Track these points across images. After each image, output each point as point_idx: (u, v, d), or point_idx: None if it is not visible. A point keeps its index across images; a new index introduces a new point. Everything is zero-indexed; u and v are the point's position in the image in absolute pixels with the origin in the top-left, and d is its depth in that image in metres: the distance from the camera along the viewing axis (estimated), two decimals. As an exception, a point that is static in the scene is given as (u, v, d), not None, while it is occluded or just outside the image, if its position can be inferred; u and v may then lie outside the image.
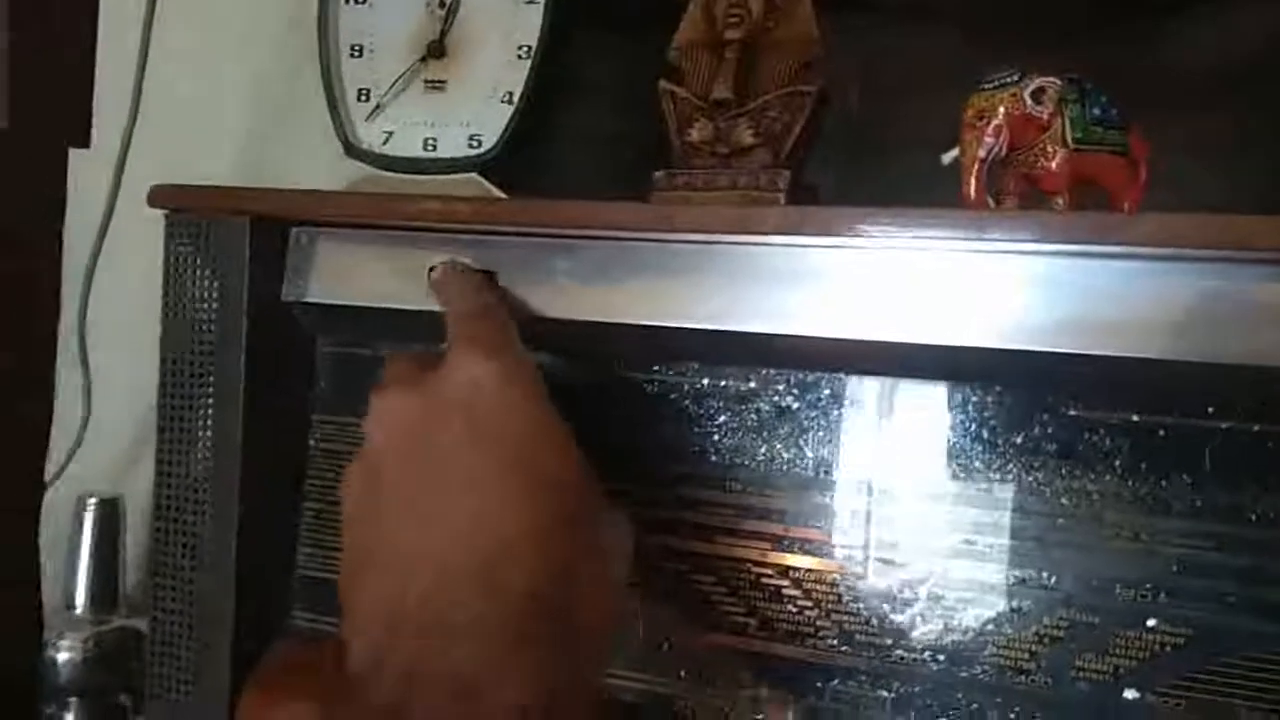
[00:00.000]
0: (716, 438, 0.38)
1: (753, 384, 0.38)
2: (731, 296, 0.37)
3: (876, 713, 0.36)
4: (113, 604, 0.65)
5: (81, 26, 0.51)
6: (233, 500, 0.42)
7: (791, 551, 0.37)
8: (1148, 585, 0.33)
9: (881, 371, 0.37)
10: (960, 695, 0.35)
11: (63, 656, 0.63)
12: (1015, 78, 0.35)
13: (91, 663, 0.62)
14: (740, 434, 0.38)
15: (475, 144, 0.44)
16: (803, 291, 0.36)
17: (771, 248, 0.36)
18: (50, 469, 0.67)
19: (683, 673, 0.38)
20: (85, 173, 0.64)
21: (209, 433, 0.43)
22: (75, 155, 0.59)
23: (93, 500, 0.65)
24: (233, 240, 0.42)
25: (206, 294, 0.42)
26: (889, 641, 0.36)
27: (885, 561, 0.36)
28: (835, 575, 0.37)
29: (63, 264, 0.61)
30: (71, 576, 0.65)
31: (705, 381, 0.39)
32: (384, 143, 0.46)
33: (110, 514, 0.65)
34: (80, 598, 0.64)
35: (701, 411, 0.39)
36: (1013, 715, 0.34)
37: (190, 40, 0.60)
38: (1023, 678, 0.34)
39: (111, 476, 0.68)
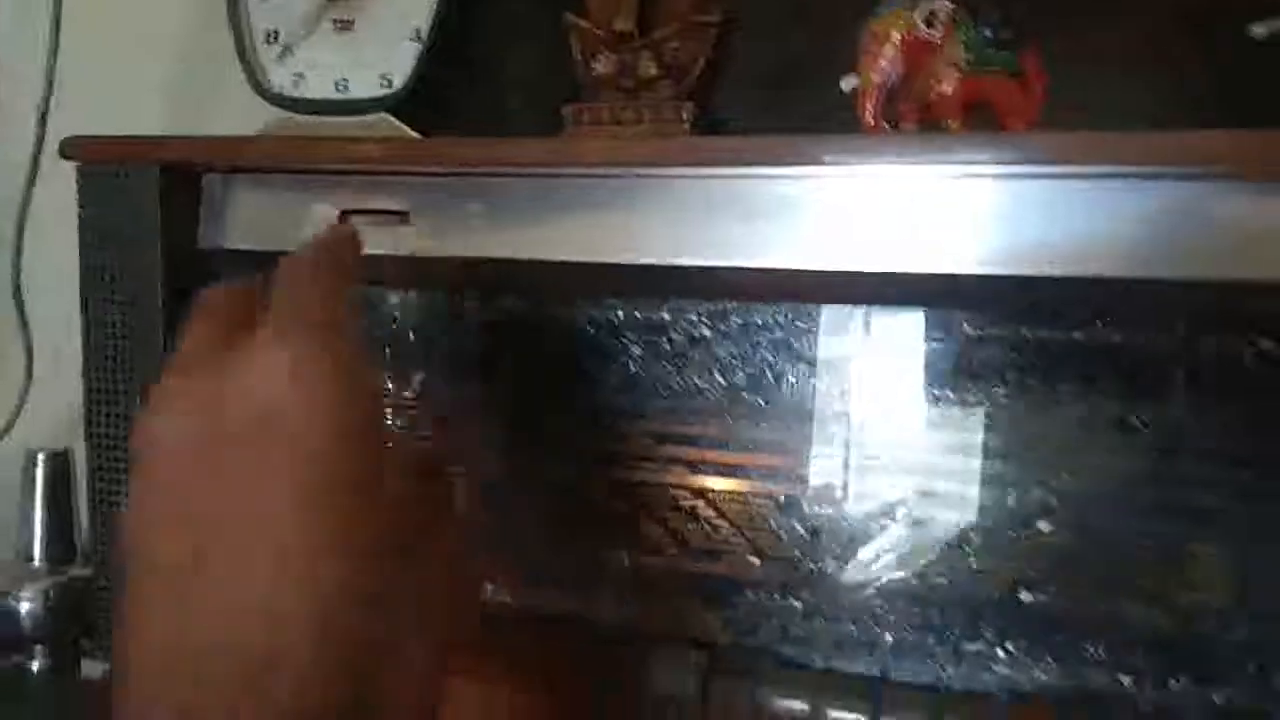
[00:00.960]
0: (633, 369, 0.39)
1: (666, 315, 0.39)
2: (640, 229, 0.37)
3: (788, 620, 0.37)
4: (70, 554, 0.66)
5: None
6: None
7: (705, 474, 0.38)
8: (1036, 493, 0.34)
9: (793, 298, 0.38)
10: (865, 600, 0.37)
11: (24, 607, 0.64)
12: (908, 2, 0.35)
13: (52, 611, 0.64)
14: (656, 364, 0.39)
15: (386, 84, 0.44)
16: (711, 223, 0.36)
17: (680, 179, 0.36)
18: (-3, 429, 0.67)
19: (608, 591, 0.39)
20: (6, 133, 0.63)
21: (131, 382, 0.43)
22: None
23: (41, 455, 0.65)
24: (145, 190, 0.41)
25: (121, 245, 0.42)
26: (798, 554, 0.37)
27: (797, 479, 0.37)
28: (748, 496, 0.38)
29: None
30: (27, 529, 0.66)
31: (620, 315, 0.39)
32: (295, 85, 0.45)
33: (61, 467, 0.66)
34: (37, 549, 0.65)
35: (618, 344, 0.39)
36: (914, 613, 0.36)
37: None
38: (919, 581, 0.36)
39: (60, 432, 0.69)
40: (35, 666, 0.63)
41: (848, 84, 0.37)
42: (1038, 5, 0.38)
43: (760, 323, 0.38)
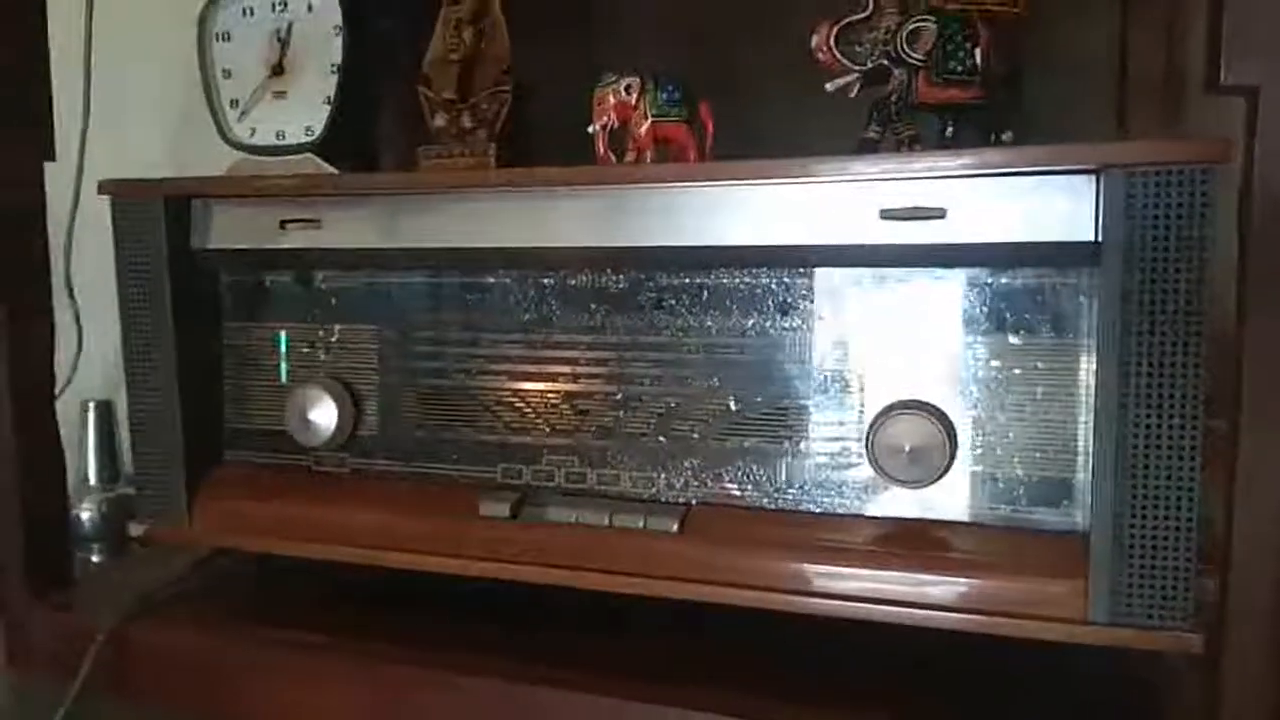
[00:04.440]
0: (475, 314, 0.61)
1: (491, 280, 0.61)
2: (472, 228, 0.59)
3: (568, 467, 0.59)
4: (115, 477, 0.89)
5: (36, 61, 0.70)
6: (172, 382, 0.64)
7: (516, 380, 0.60)
8: (710, 384, 0.56)
9: (549, 266, 0.59)
10: (611, 453, 0.58)
11: (85, 514, 0.88)
12: (614, 78, 0.56)
13: (106, 517, 0.87)
14: (491, 311, 0.61)
15: (309, 133, 0.66)
16: (509, 223, 0.58)
17: (487, 194, 0.58)
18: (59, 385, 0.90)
19: (454, 457, 0.61)
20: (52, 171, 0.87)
21: (156, 343, 0.65)
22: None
23: (92, 403, 0.89)
24: (154, 212, 0.64)
25: (142, 249, 0.64)
26: (577, 425, 0.59)
27: (569, 377, 0.59)
28: (547, 395, 0.60)
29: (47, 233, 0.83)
30: (84, 460, 0.89)
31: (464, 280, 0.61)
32: (250, 135, 0.67)
33: (106, 412, 0.89)
34: (92, 474, 0.89)
35: (459, 300, 0.61)
36: (631, 456, 0.58)
37: (122, 72, 0.81)
38: (647, 438, 0.57)
39: (106, 386, 0.91)
40: (94, 558, 0.86)
41: (591, 129, 0.58)
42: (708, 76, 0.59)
43: (546, 283, 0.59)
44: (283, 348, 0.65)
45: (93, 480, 0.89)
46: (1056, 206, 0.47)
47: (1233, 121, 0.42)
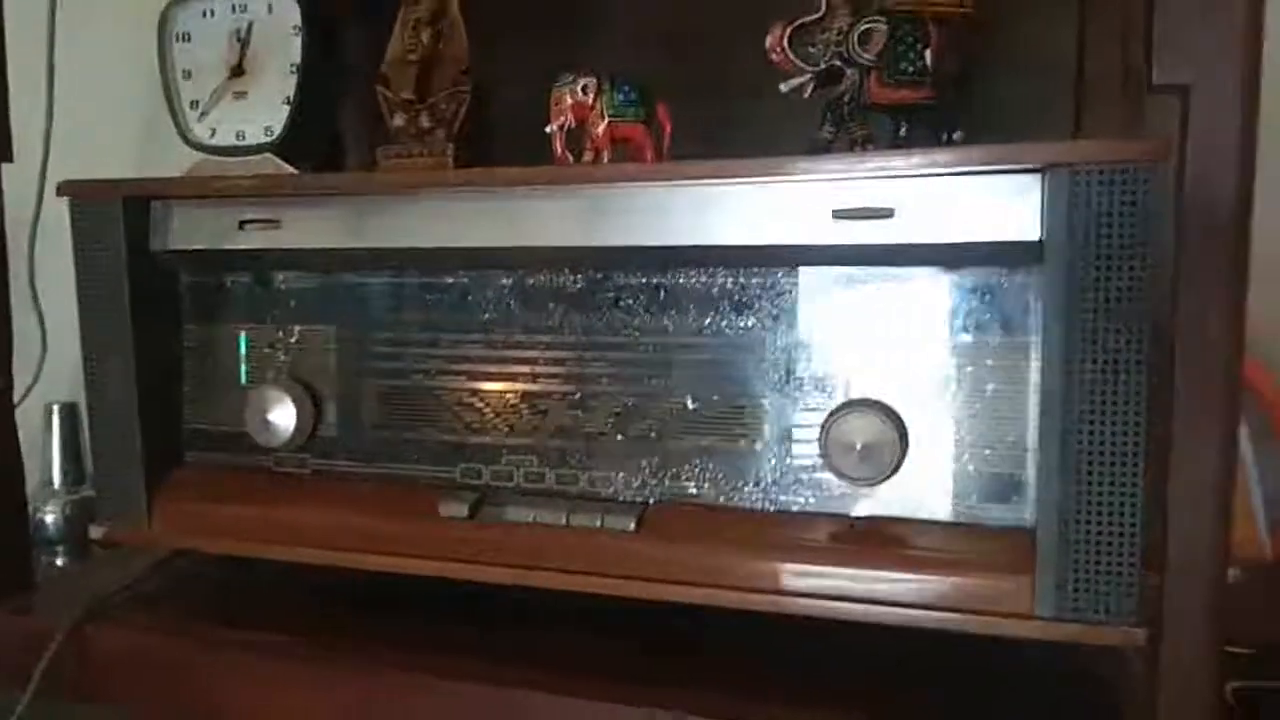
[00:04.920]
0: (434, 314, 0.61)
1: (450, 280, 0.61)
2: (431, 228, 0.59)
3: (530, 470, 0.59)
4: (80, 479, 0.89)
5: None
6: (131, 384, 0.64)
7: (477, 380, 0.60)
8: (667, 383, 0.56)
9: (507, 266, 0.59)
10: (568, 453, 0.58)
11: (49, 518, 0.87)
12: (571, 78, 0.57)
13: (70, 520, 0.87)
14: (450, 311, 0.61)
15: (269, 134, 0.66)
16: (470, 221, 0.58)
17: (445, 194, 0.58)
18: (19, 390, 0.90)
19: (414, 457, 0.61)
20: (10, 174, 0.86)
21: (115, 344, 0.65)
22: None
23: (56, 406, 0.88)
24: (113, 213, 0.63)
25: (102, 250, 0.64)
26: (535, 425, 0.59)
27: (528, 377, 0.59)
28: (505, 394, 0.60)
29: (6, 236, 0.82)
30: (49, 462, 0.88)
31: (423, 280, 0.61)
32: (210, 136, 0.67)
33: (71, 415, 0.89)
34: (56, 477, 0.88)
35: (418, 300, 0.61)
36: (589, 456, 0.58)
37: (86, 72, 0.81)
38: (605, 438, 0.57)
39: (70, 389, 0.91)
40: (58, 561, 0.86)
41: (549, 129, 0.58)
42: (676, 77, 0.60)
43: (505, 283, 0.59)
44: (242, 349, 0.65)
45: (57, 483, 0.88)
46: (1003, 206, 0.47)
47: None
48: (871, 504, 0.53)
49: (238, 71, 0.65)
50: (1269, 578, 0.68)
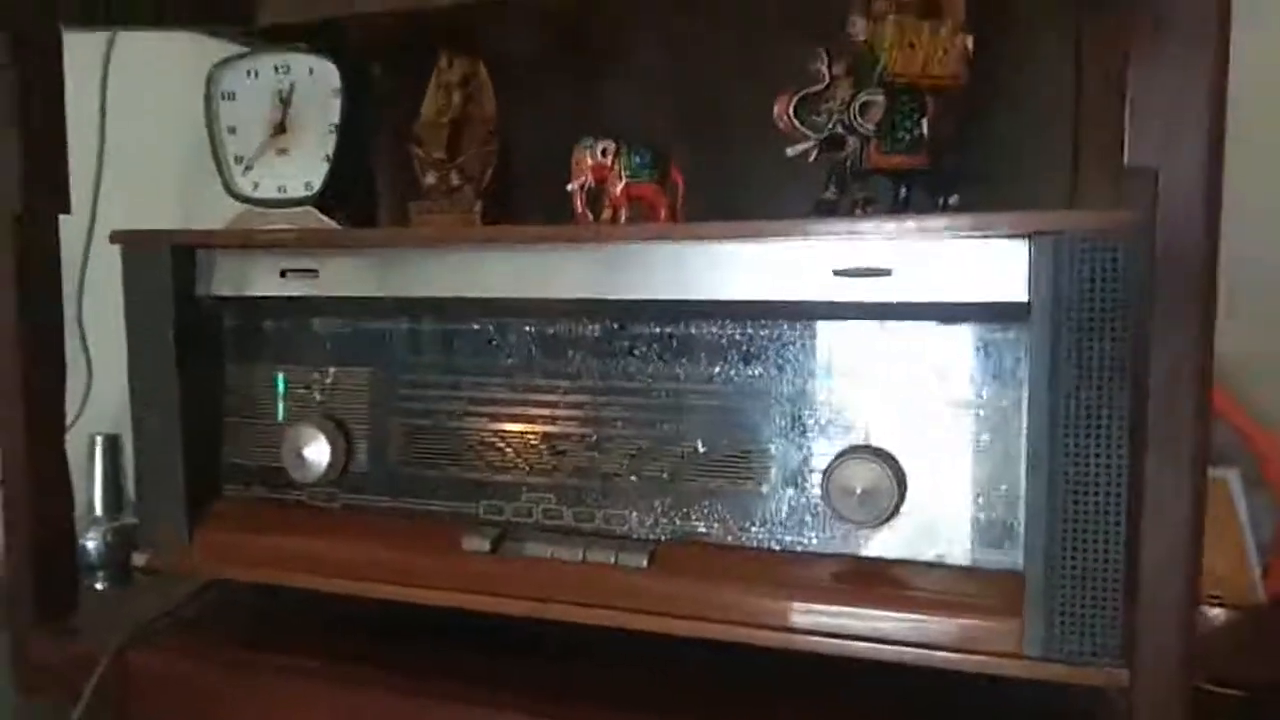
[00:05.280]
0: (460, 359, 0.65)
1: (476, 327, 0.64)
2: (459, 279, 0.62)
3: (546, 505, 0.62)
4: (120, 507, 0.93)
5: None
6: (175, 420, 0.68)
7: (499, 421, 0.64)
8: (679, 428, 0.59)
9: (529, 315, 0.62)
10: (586, 492, 0.62)
11: (91, 544, 0.91)
12: (591, 141, 0.60)
13: (110, 546, 0.91)
14: (475, 356, 0.64)
15: (309, 188, 0.70)
16: (495, 273, 0.61)
17: (472, 249, 0.62)
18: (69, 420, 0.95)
19: (439, 493, 0.65)
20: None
21: (161, 382, 0.69)
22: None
23: (99, 437, 0.93)
24: (161, 261, 0.68)
25: (150, 295, 0.68)
26: (554, 464, 0.62)
27: (547, 419, 0.63)
28: (526, 435, 0.63)
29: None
30: (91, 490, 0.93)
31: (450, 327, 0.65)
32: (254, 189, 0.72)
33: (113, 446, 0.93)
34: (98, 504, 0.93)
35: (445, 346, 0.65)
36: (605, 495, 0.61)
37: (136, 129, 0.86)
38: (620, 478, 0.61)
39: (113, 421, 0.96)
40: (98, 585, 0.89)
41: (570, 187, 0.62)
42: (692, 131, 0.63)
43: (527, 331, 0.63)
44: (280, 388, 0.69)
45: (99, 511, 0.92)
46: (993, 268, 0.51)
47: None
48: (871, 546, 0.55)
49: (280, 129, 0.70)
50: (1261, 619, 0.69)
